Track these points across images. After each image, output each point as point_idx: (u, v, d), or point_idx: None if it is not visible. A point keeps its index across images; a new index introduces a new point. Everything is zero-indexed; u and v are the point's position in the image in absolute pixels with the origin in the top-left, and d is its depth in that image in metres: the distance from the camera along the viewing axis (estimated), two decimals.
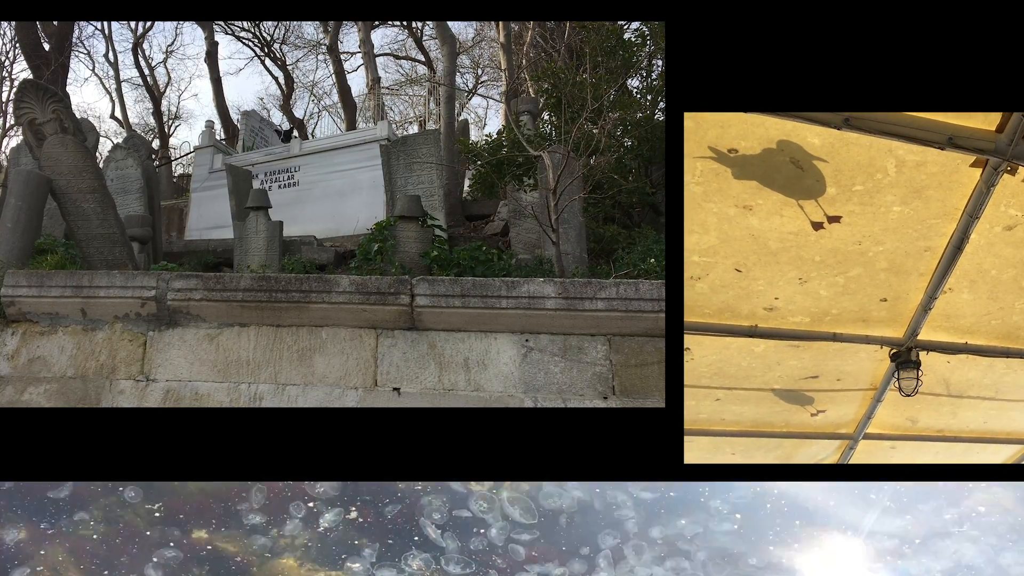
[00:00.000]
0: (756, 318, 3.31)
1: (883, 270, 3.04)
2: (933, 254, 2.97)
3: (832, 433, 4.33)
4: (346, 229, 11.28)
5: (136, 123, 26.43)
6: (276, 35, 24.24)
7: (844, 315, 3.33)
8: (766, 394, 3.89)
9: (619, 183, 7.36)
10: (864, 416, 4.17)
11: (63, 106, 5.61)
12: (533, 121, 10.10)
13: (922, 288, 3.17)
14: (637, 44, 9.29)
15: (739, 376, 3.73)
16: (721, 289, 3.13)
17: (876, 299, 3.23)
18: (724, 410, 4.01)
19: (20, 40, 14.37)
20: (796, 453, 4.49)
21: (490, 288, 4.33)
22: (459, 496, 3.05)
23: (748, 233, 2.84)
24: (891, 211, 2.74)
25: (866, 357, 3.65)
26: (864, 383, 3.90)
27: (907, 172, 2.61)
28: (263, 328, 4.49)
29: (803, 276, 3.06)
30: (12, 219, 5.22)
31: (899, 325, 3.43)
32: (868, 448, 4.44)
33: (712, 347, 3.47)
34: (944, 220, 2.80)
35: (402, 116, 25.02)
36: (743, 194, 2.70)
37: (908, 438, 4.42)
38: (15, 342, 4.57)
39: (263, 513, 2.94)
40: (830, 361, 3.66)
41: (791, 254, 2.94)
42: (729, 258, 2.96)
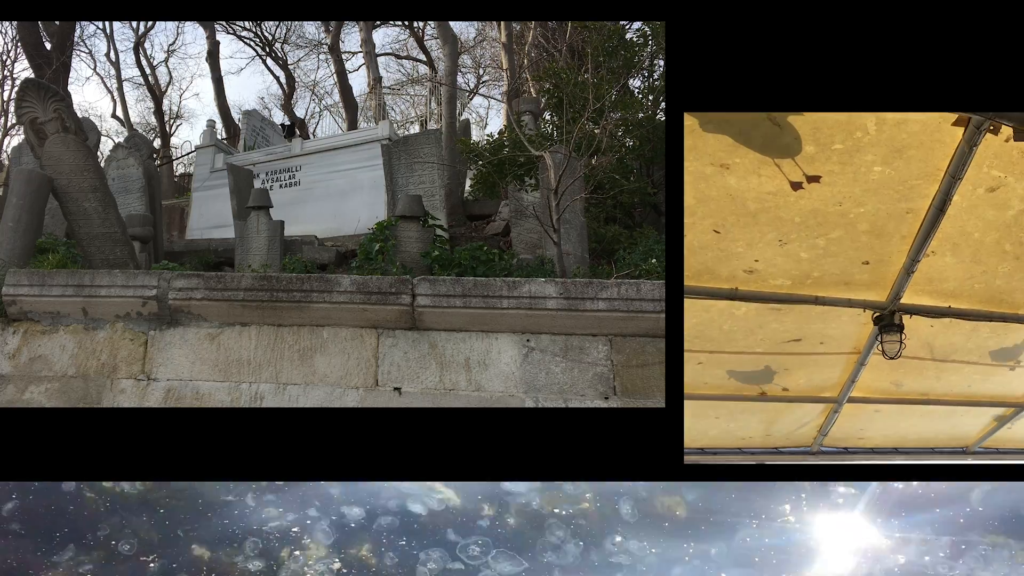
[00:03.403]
0: (737, 280, 3.25)
1: (864, 232, 2.99)
2: (915, 216, 2.92)
3: (816, 397, 4.30)
4: (347, 229, 11.29)
5: (137, 122, 26.50)
6: (277, 35, 24.32)
7: (826, 278, 3.28)
8: (749, 357, 3.84)
9: (620, 183, 7.36)
10: (848, 380, 4.13)
11: (64, 105, 5.61)
12: (535, 121, 10.11)
13: (904, 251, 3.12)
14: (639, 44, 9.30)
15: (721, 339, 3.67)
16: (699, 251, 3.07)
17: (858, 262, 3.18)
18: (707, 373, 3.95)
19: (22, 39, 14.39)
20: (780, 417, 4.46)
21: (491, 288, 4.33)
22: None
23: (725, 193, 2.78)
24: (872, 171, 2.69)
25: (849, 320, 3.60)
26: (847, 347, 3.86)
27: (887, 130, 2.55)
28: (264, 328, 4.49)
29: (783, 238, 3.00)
30: (13, 218, 5.22)
31: (882, 288, 3.38)
32: (853, 411, 4.42)
33: (693, 310, 3.39)
34: (926, 181, 2.75)
35: (403, 116, 25.02)
36: (719, 152, 2.64)
37: (892, 401, 4.39)
38: (16, 341, 4.57)
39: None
40: (813, 324, 3.61)
41: (770, 215, 2.88)
42: (707, 219, 2.91)
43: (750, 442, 4.70)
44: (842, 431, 4.64)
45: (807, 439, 4.74)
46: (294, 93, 25.39)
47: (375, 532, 3.01)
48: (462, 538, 3.00)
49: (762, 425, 4.54)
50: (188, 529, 2.99)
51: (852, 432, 4.70)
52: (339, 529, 3.02)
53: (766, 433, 4.63)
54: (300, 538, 2.96)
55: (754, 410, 4.35)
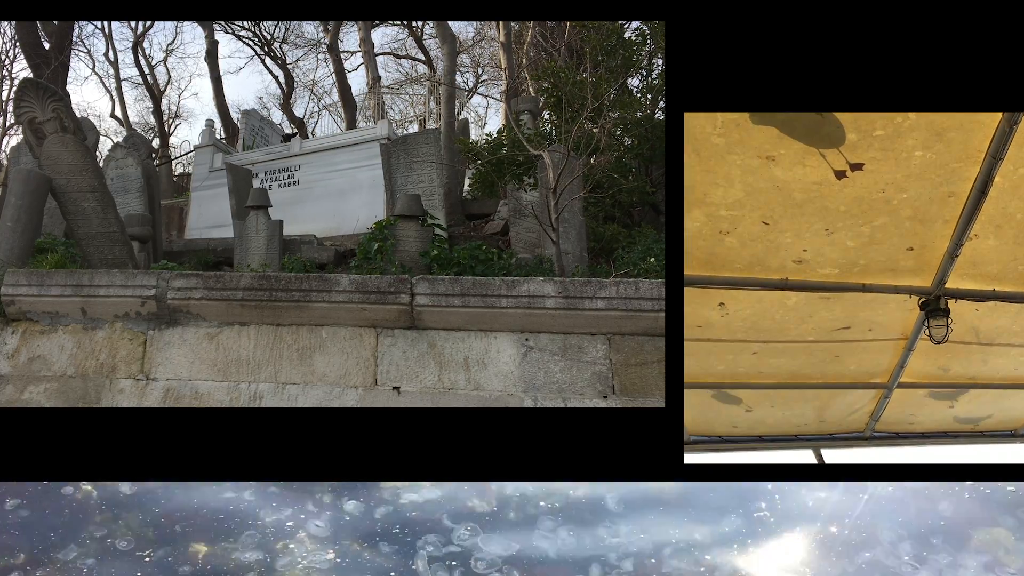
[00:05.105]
0: (786, 271, 3.29)
1: (908, 218, 3.00)
2: (957, 199, 2.91)
3: (867, 383, 4.34)
4: (346, 228, 11.29)
5: (136, 122, 26.48)
6: (276, 34, 24.28)
7: (872, 265, 3.30)
8: (801, 346, 3.88)
9: (619, 182, 7.36)
10: (897, 365, 4.17)
11: (63, 105, 5.61)
12: (533, 120, 10.11)
13: (948, 235, 3.12)
14: (637, 43, 9.29)
15: (774, 329, 3.72)
16: (750, 243, 3.10)
17: (903, 248, 3.19)
18: (761, 363, 4.00)
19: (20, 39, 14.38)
20: (832, 403, 4.51)
21: (490, 287, 4.33)
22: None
23: (773, 185, 2.81)
24: (913, 156, 2.68)
25: (896, 307, 3.63)
26: (895, 333, 3.89)
27: (927, 114, 2.55)
28: (263, 327, 4.49)
29: (829, 227, 3.03)
30: (12, 218, 5.22)
31: (927, 274, 3.41)
32: (902, 397, 4.45)
33: (746, 301, 3.45)
34: (967, 163, 2.74)
35: (402, 115, 25.05)
36: (765, 144, 2.65)
37: (941, 386, 4.43)
38: (15, 341, 4.57)
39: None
40: (861, 312, 3.64)
41: (816, 205, 2.91)
42: (756, 211, 2.93)
43: (805, 429, 4.76)
44: (893, 416, 4.68)
45: (860, 425, 4.79)
46: (293, 92, 25.38)
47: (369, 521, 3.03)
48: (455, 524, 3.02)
49: (815, 412, 4.59)
50: (185, 525, 2.99)
51: (903, 417, 4.74)
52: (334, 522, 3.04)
53: (820, 420, 4.68)
54: (295, 531, 2.97)
55: (807, 398, 4.41)
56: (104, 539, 2.91)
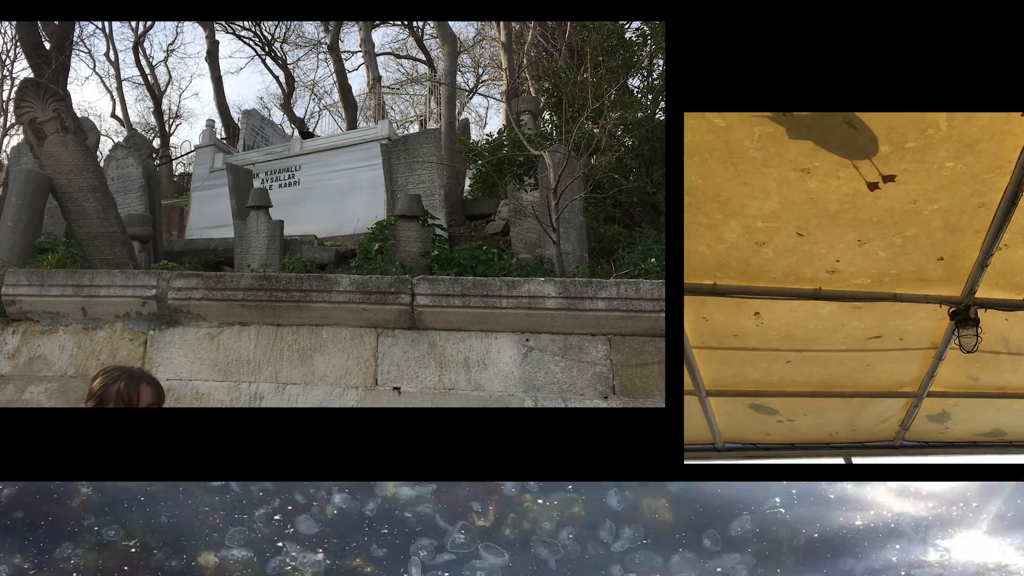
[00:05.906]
0: (820, 281, 3.36)
1: (938, 229, 3.05)
2: (987, 210, 2.95)
3: (897, 392, 4.39)
4: (347, 228, 11.29)
5: (137, 122, 26.50)
6: (277, 34, 24.30)
7: (903, 275, 3.36)
8: (834, 355, 3.94)
9: (620, 183, 7.36)
10: (927, 374, 4.22)
11: (64, 105, 5.61)
12: (534, 120, 10.11)
13: (977, 245, 3.16)
14: (638, 44, 9.30)
15: (807, 339, 3.79)
16: (785, 253, 3.17)
17: (933, 258, 3.25)
18: (795, 372, 4.06)
19: (21, 39, 14.39)
20: (863, 412, 4.57)
21: (490, 288, 4.33)
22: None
23: (807, 196, 2.87)
24: (944, 167, 2.72)
25: (926, 316, 3.68)
26: (925, 342, 3.95)
27: (958, 125, 2.58)
28: (263, 327, 4.49)
29: (862, 238, 3.08)
30: (13, 218, 5.22)
31: (956, 283, 3.46)
32: (932, 406, 4.50)
33: (780, 311, 3.53)
34: (997, 174, 2.78)
35: (403, 115, 25.03)
36: (800, 157, 2.70)
37: (970, 395, 4.47)
38: (16, 341, 4.57)
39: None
40: (892, 321, 3.70)
41: (849, 216, 2.96)
42: (791, 222, 2.99)
43: (837, 437, 4.81)
44: (923, 426, 4.72)
45: (890, 433, 4.83)
46: (293, 93, 25.40)
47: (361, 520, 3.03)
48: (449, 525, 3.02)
49: (846, 421, 4.63)
50: (171, 517, 3.00)
51: (933, 427, 4.78)
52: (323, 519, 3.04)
53: (852, 428, 4.72)
54: (284, 528, 2.97)
55: (839, 406, 4.45)
56: (97, 538, 2.92)
